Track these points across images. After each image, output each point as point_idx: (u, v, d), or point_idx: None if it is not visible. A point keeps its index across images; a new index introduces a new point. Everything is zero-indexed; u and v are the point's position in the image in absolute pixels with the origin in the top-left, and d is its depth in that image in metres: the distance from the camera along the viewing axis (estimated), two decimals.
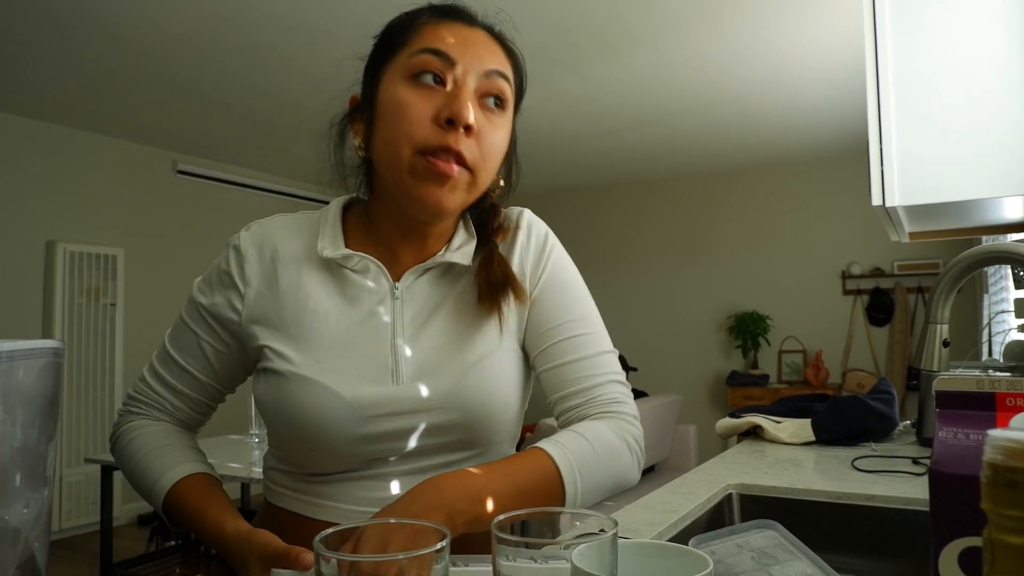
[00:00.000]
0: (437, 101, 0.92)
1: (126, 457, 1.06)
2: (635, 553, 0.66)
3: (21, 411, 0.54)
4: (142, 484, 1.03)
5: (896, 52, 1.49)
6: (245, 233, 1.06)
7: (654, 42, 4.19)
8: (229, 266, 1.04)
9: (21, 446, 0.54)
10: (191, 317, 1.07)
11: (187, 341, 1.07)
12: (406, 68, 0.94)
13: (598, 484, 0.97)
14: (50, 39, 4.00)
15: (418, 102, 0.92)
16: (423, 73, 0.92)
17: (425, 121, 0.91)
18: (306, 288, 1.01)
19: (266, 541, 0.84)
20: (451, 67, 0.93)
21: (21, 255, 5.33)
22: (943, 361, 1.73)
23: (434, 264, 1.03)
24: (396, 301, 1.01)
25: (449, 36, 0.94)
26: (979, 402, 0.62)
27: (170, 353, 1.08)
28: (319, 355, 0.97)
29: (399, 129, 0.92)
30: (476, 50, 0.95)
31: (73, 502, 5.43)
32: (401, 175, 0.93)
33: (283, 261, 1.03)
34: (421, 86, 0.92)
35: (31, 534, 0.55)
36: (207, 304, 1.05)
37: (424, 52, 0.93)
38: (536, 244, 1.10)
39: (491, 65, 0.95)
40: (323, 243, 1.02)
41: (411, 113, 0.91)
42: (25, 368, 0.55)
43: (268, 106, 5.12)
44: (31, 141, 5.38)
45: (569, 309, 1.07)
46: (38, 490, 0.56)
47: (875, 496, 1.30)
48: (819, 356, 6.75)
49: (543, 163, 6.90)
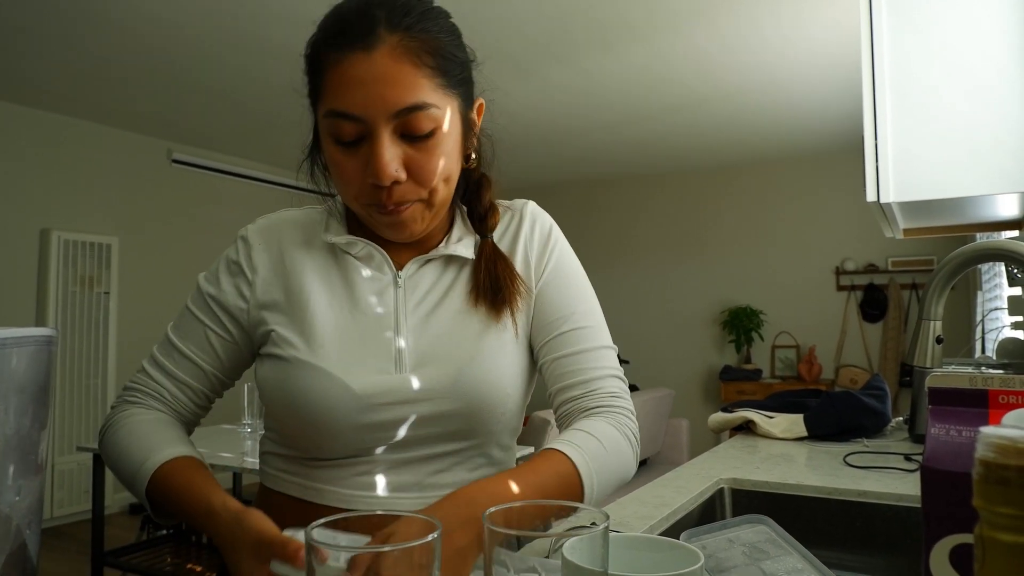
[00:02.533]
0: (361, 157, 0.92)
1: (112, 443, 1.02)
2: (626, 546, 0.66)
3: (14, 398, 0.54)
4: (126, 470, 0.98)
5: (892, 48, 1.49)
6: (252, 226, 1.09)
7: (651, 37, 4.19)
8: (237, 255, 1.07)
9: (14, 433, 0.54)
10: (198, 307, 1.07)
11: (193, 331, 1.06)
12: (326, 128, 0.94)
13: (609, 481, 0.98)
14: (46, 27, 3.97)
15: (346, 163, 0.93)
16: (339, 135, 0.92)
17: (358, 180, 0.93)
18: (311, 275, 1.03)
19: (259, 526, 0.79)
20: (361, 124, 0.90)
21: (15, 243, 5.31)
22: (936, 358, 1.73)
23: (436, 256, 1.05)
24: (399, 290, 1.03)
25: (349, 83, 0.89)
26: (972, 399, 0.62)
27: (174, 342, 1.06)
28: (323, 341, 0.98)
29: (341, 186, 0.97)
30: (379, 93, 0.88)
31: (65, 491, 5.43)
32: (361, 215, 1.00)
33: (289, 250, 1.05)
34: (344, 148, 0.93)
35: (23, 522, 0.55)
36: (214, 293, 1.06)
37: (332, 115, 0.91)
38: (541, 236, 1.11)
39: (399, 104, 0.89)
40: (327, 231, 1.05)
41: (344, 173, 0.94)
42: (18, 356, 0.54)
43: (263, 96, 5.10)
44: (26, 129, 5.35)
45: (573, 301, 1.08)
46: (30, 478, 0.56)
47: (867, 492, 1.30)
48: (812, 352, 6.77)
49: (538, 157, 6.89)
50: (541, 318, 1.07)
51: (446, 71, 0.93)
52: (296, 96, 1.04)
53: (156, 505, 0.96)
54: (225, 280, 1.06)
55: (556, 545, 0.58)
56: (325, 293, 1.02)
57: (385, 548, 0.52)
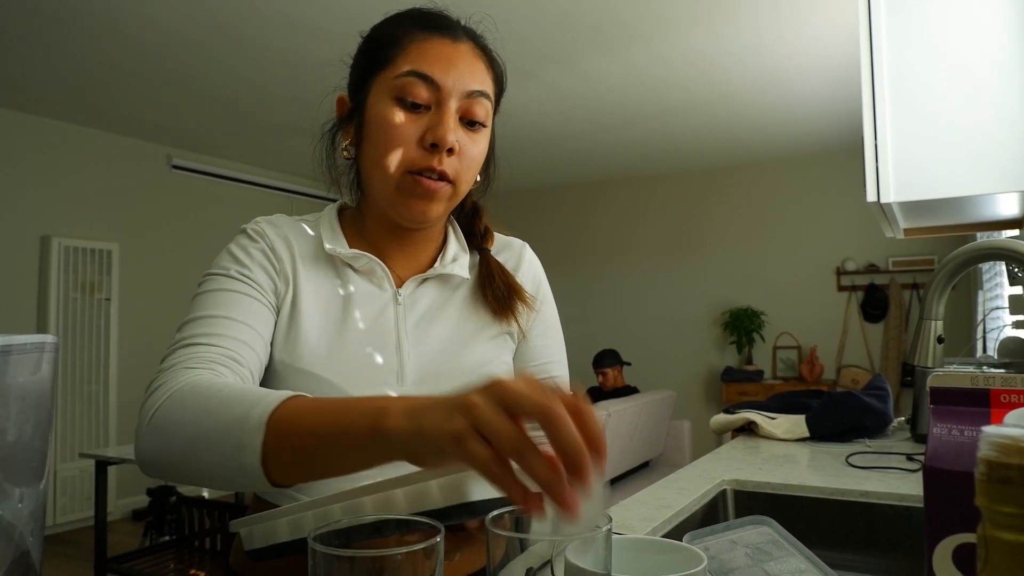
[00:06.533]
0: (422, 123, 0.96)
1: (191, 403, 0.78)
2: (629, 549, 0.66)
3: (15, 405, 0.54)
4: (221, 428, 0.74)
5: (891, 48, 1.49)
6: (259, 222, 1.06)
7: (649, 38, 4.19)
8: (258, 242, 1.02)
9: (15, 441, 0.54)
10: (224, 284, 0.96)
11: (230, 301, 0.94)
12: (393, 88, 0.97)
13: None
14: (46, 34, 3.98)
15: (405, 124, 0.96)
16: (409, 95, 0.96)
17: (411, 143, 0.96)
18: (314, 285, 1.03)
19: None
20: (436, 90, 0.96)
21: (16, 250, 5.31)
22: (938, 357, 1.73)
23: (433, 275, 1.07)
24: (399, 307, 1.04)
25: (434, 56, 0.97)
26: (973, 398, 0.62)
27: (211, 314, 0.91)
28: (326, 351, 0.99)
29: (387, 148, 0.97)
30: (459, 71, 0.97)
31: (67, 497, 5.42)
32: (389, 189, 0.99)
33: (297, 254, 1.04)
34: (407, 107, 0.96)
35: (25, 529, 0.55)
36: (242, 270, 0.97)
37: (410, 75, 0.96)
38: (534, 282, 1.17)
39: (473, 86, 0.98)
40: (329, 242, 1.04)
41: (399, 134, 0.96)
42: (20, 363, 0.54)
43: (263, 101, 5.10)
44: (26, 136, 5.35)
45: (551, 350, 1.16)
46: (32, 485, 0.56)
47: (869, 492, 1.30)
48: (814, 352, 6.76)
49: (538, 159, 6.89)
50: (523, 360, 1.13)
51: (498, 83, 1.06)
52: (295, 103, 1.05)
53: (275, 460, 0.72)
54: (251, 260, 0.99)
55: (559, 548, 0.58)
56: (327, 303, 1.02)
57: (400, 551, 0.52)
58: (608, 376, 5.78)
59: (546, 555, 0.77)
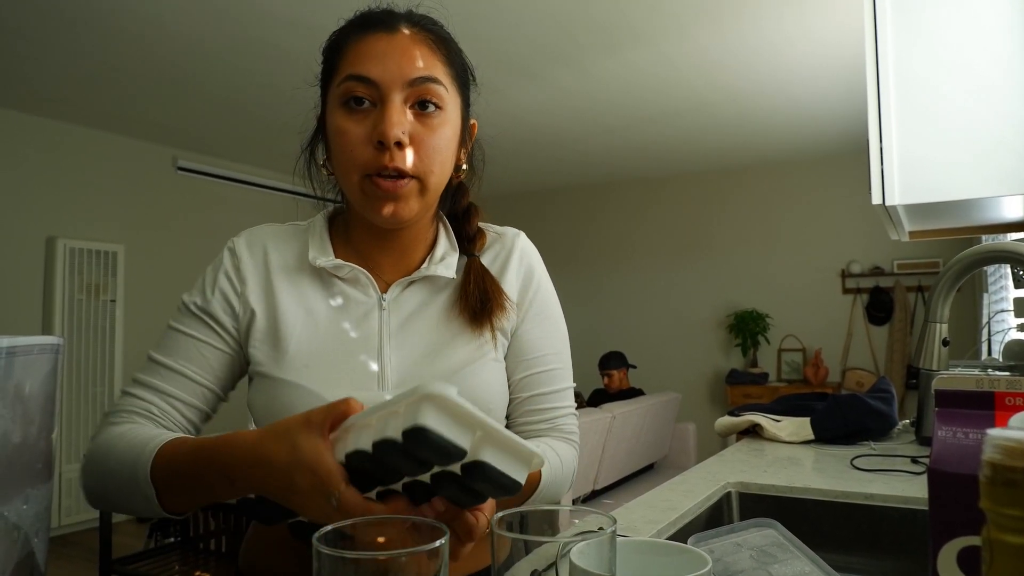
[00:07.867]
0: (368, 123, 0.96)
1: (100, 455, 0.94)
2: (634, 551, 0.66)
3: (20, 407, 0.54)
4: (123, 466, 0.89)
5: (896, 50, 1.49)
6: (238, 238, 1.08)
7: (655, 39, 4.19)
8: (226, 265, 1.06)
9: (20, 442, 0.54)
10: (183, 323, 1.03)
11: (179, 345, 1.02)
12: (338, 95, 0.98)
13: (550, 496, 1.07)
14: (51, 34, 3.99)
15: (351, 127, 0.96)
16: (351, 99, 0.96)
17: (361, 146, 0.96)
18: (296, 296, 1.04)
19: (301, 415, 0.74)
20: (374, 88, 0.95)
21: (21, 251, 5.33)
22: (942, 360, 1.73)
23: (418, 277, 1.06)
24: (384, 312, 1.04)
25: (368, 54, 0.96)
26: (978, 401, 0.62)
27: (158, 360, 1.01)
28: (308, 360, 0.99)
29: (342, 156, 0.98)
30: (395, 61, 0.96)
31: (72, 499, 5.44)
32: (355, 195, 1.00)
33: (275, 267, 1.05)
34: (353, 111, 0.97)
35: (31, 530, 0.55)
36: (202, 304, 1.03)
37: (348, 79, 0.96)
38: (527, 272, 1.14)
39: (413, 74, 0.96)
40: (314, 253, 1.05)
41: (348, 140, 0.96)
42: (24, 364, 0.55)
43: (269, 102, 5.11)
44: (31, 137, 5.37)
45: (550, 341, 1.14)
46: (38, 486, 0.56)
47: (874, 495, 1.30)
48: (818, 355, 6.75)
49: (543, 161, 6.90)
50: (517, 354, 1.11)
51: (453, 63, 1.02)
52: (302, 102, 1.06)
53: (164, 488, 0.87)
54: (212, 290, 1.04)
55: (564, 550, 0.58)
56: (310, 313, 1.03)
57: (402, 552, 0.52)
58: (614, 378, 5.78)
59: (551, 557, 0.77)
